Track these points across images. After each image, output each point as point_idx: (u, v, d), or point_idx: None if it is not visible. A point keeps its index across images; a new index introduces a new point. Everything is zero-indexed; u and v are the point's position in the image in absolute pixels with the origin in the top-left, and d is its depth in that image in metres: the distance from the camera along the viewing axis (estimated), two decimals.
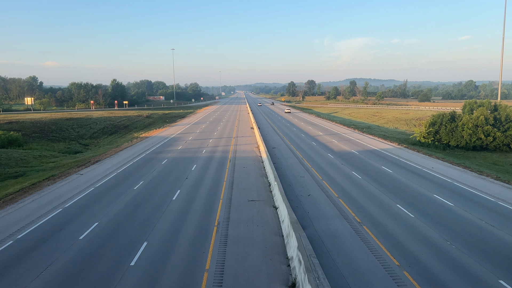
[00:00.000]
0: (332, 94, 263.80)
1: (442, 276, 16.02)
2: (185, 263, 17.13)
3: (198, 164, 39.98)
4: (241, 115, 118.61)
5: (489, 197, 27.61)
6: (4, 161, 46.59)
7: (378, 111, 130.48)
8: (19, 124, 79.23)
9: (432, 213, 24.09)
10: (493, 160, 49.13)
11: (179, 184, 31.57)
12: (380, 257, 17.75)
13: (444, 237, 20.18)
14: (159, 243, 19.38)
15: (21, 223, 22.45)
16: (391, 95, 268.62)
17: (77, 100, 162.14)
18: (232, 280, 15.64)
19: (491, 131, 56.00)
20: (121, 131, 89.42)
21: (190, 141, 59.14)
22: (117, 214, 23.94)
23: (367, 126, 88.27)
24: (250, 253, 18.16)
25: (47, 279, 15.75)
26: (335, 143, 56.00)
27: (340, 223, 22.32)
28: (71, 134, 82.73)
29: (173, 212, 24.39)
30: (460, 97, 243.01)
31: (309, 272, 13.96)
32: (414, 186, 30.87)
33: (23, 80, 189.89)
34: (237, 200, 26.83)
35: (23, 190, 30.51)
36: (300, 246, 16.28)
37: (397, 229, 21.39)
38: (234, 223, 22.18)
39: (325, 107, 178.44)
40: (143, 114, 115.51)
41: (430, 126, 60.45)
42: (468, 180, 32.89)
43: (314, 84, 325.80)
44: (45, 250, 18.65)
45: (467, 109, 64.07)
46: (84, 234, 20.67)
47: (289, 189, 29.77)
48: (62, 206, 25.73)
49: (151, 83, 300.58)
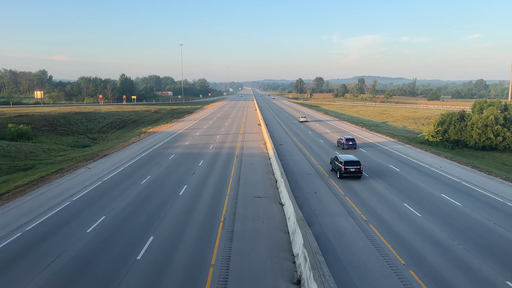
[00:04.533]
0: (340, 91, 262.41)
1: (449, 276, 15.92)
2: (191, 258, 17.22)
3: (205, 160, 40.08)
4: (248, 111, 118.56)
5: (498, 197, 27.33)
6: (14, 154, 47.12)
7: (387, 109, 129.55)
8: (28, 118, 79.97)
9: (439, 212, 23.92)
10: (503, 160, 48.62)
11: (186, 179, 31.68)
12: (386, 256, 17.69)
13: (451, 236, 20.04)
14: (166, 237, 19.50)
15: (29, 215, 22.73)
16: (400, 93, 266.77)
17: (86, 94, 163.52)
18: (237, 275, 15.69)
19: (501, 131, 55.41)
20: (129, 126, 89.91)
21: (197, 136, 59.29)
22: (124, 208, 24.12)
23: (375, 124, 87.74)
24: (255, 249, 18.19)
25: (55, 271, 15.93)
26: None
27: (346, 221, 22.27)
28: (80, 128, 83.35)
29: (180, 207, 24.50)
30: (470, 96, 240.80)
31: (315, 269, 13.95)
32: (422, 185, 30.66)
33: (33, 74, 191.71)
34: (243, 196, 26.87)
35: (32, 183, 30.85)
36: (306, 243, 16.27)
37: (404, 228, 21.29)
38: (240, 219, 22.23)
39: (333, 104, 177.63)
40: (151, 109, 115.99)
41: (438, 125, 59.95)
42: (476, 180, 32.59)
43: (322, 81, 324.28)
44: (53, 242, 18.86)
45: (476, 108, 63.51)
46: (91, 227, 20.86)
47: (295, 186, 29.75)
48: (70, 199, 25.98)
49: (159, 78, 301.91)
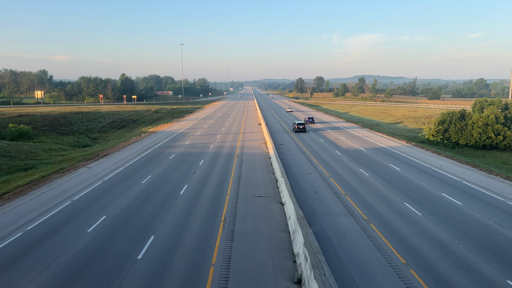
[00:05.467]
0: (340, 90, 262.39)
1: (449, 275, 15.92)
2: (192, 257, 17.23)
3: (206, 159, 40.10)
4: (248, 111, 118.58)
5: (498, 196, 27.32)
6: (15, 153, 47.15)
7: (387, 109, 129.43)
8: (29, 117, 80.00)
9: (440, 211, 23.91)
10: (503, 159, 48.59)
11: (187, 179, 31.70)
12: (386, 255, 17.69)
13: (452, 236, 20.04)
14: (166, 237, 19.52)
15: (30, 215, 22.75)
16: (400, 93, 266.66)
17: (86, 94, 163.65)
18: (238, 275, 15.70)
19: (502, 130, 55.35)
20: (129, 126, 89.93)
21: (197, 136, 59.31)
22: (125, 208, 24.14)
23: (376, 123, 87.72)
24: (256, 248, 18.21)
25: (56, 271, 15.95)
26: (343, 140, 55.78)
27: (347, 221, 22.27)
28: (80, 127, 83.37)
29: (181, 206, 24.52)
30: (470, 95, 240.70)
31: (315, 268, 13.96)
32: (422, 184, 30.66)
33: (34, 73, 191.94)
34: (244, 196, 26.88)
35: (32, 183, 30.88)
36: (307, 242, 16.28)
37: (404, 227, 21.29)
38: (241, 219, 22.24)
39: (333, 103, 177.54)
40: (152, 109, 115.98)
41: (439, 124, 59.90)
42: (477, 179, 32.57)
43: (322, 80, 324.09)
44: (54, 242, 18.89)
45: (477, 107, 63.40)
46: (92, 227, 20.89)
47: (296, 185, 29.75)
48: (71, 199, 26.00)
49: (159, 78, 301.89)
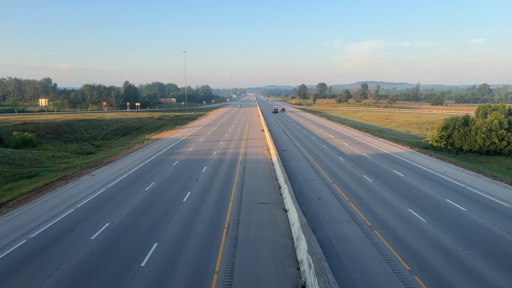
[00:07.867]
0: (343, 97, 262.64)
1: (454, 282, 15.80)
2: (195, 265, 17.19)
3: (209, 166, 40.11)
4: (251, 117, 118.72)
5: (503, 202, 27.16)
6: (19, 161, 47.36)
7: (390, 115, 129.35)
8: (33, 125, 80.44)
9: (444, 217, 23.79)
10: (508, 165, 48.34)
11: (190, 186, 31.70)
12: (391, 262, 17.59)
13: (457, 242, 19.91)
14: (170, 244, 19.49)
15: (34, 223, 22.79)
16: (403, 99, 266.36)
17: (90, 101, 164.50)
18: (241, 282, 15.65)
19: (506, 135, 55.15)
20: (133, 133, 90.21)
21: (201, 143, 59.38)
22: (128, 215, 24.14)
23: (379, 129, 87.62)
24: (259, 255, 18.15)
25: (59, 278, 15.95)
26: (346, 146, 55.71)
27: (351, 227, 22.18)
28: (84, 135, 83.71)
29: (184, 213, 24.50)
30: (474, 100, 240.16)
31: (319, 275, 13.89)
32: (426, 190, 30.53)
33: (38, 81, 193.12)
34: (247, 203, 26.84)
35: (36, 190, 30.96)
36: (310, 249, 16.21)
37: (409, 233, 21.18)
38: (244, 226, 22.19)
39: (336, 110, 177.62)
40: (155, 116, 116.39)
41: (442, 130, 59.78)
42: (481, 185, 32.41)
43: (325, 86, 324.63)
44: (57, 249, 18.90)
45: (480, 113, 63.29)
46: (95, 234, 20.89)
47: (299, 192, 29.70)
48: (74, 207, 26.04)
49: (162, 85, 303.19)
